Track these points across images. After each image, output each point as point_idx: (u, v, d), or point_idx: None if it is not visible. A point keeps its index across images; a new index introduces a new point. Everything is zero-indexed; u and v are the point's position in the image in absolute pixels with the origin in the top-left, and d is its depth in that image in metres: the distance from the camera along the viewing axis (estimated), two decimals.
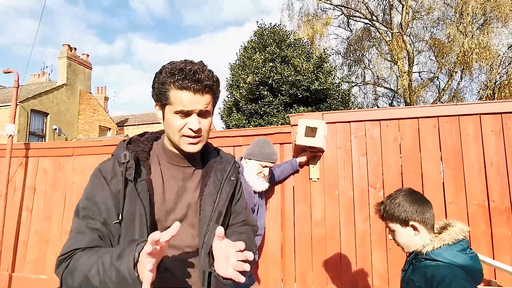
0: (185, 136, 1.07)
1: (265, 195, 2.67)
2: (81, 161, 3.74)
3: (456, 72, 14.65)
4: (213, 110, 1.15)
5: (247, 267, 0.90)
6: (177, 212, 1.10)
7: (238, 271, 0.91)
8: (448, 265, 1.33)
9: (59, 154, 3.83)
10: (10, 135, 3.86)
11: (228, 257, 0.94)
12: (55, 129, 16.01)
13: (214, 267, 0.99)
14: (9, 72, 4.23)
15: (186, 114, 1.04)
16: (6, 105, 14.75)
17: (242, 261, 0.91)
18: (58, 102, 16.47)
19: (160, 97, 1.06)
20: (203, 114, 1.07)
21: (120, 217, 1.02)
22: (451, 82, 15.09)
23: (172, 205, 1.10)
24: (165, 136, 1.16)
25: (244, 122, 10.16)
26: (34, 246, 3.73)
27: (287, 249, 2.91)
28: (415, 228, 1.44)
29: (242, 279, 0.90)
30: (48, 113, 15.95)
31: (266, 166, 2.45)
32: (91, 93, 18.97)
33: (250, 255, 0.90)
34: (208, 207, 1.12)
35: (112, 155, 1.11)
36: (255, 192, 2.47)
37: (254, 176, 2.43)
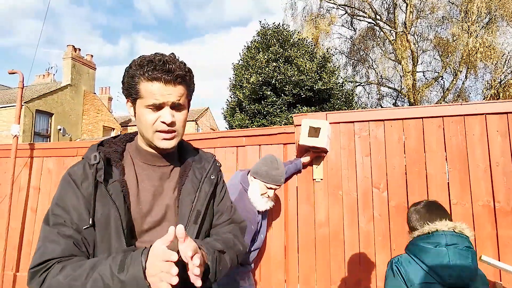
0: (159, 131, 1.01)
1: None
2: None
3: (461, 71, 14.56)
4: (189, 104, 1.09)
5: (196, 271, 0.83)
6: (154, 214, 1.05)
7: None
8: (404, 255, 1.54)
9: (63, 154, 3.84)
10: (15, 136, 3.89)
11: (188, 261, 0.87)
12: (60, 129, 16.12)
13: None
14: (14, 73, 4.24)
15: (158, 107, 0.99)
16: (11, 106, 14.88)
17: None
18: (62, 102, 16.59)
19: (130, 92, 1.01)
20: (176, 107, 1.01)
21: (90, 222, 0.96)
22: (456, 81, 15.00)
23: (149, 206, 1.05)
24: (139, 135, 1.10)
25: (247, 122, 10.16)
26: None
27: (290, 250, 2.90)
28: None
29: (198, 283, 0.85)
30: (53, 114, 16.08)
31: (271, 188, 2.34)
32: (95, 93, 19.09)
33: (196, 261, 0.84)
34: (186, 207, 1.07)
35: (82, 158, 1.05)
36: (259, 212, 2.37)
37: (258, 196, 2.32)
